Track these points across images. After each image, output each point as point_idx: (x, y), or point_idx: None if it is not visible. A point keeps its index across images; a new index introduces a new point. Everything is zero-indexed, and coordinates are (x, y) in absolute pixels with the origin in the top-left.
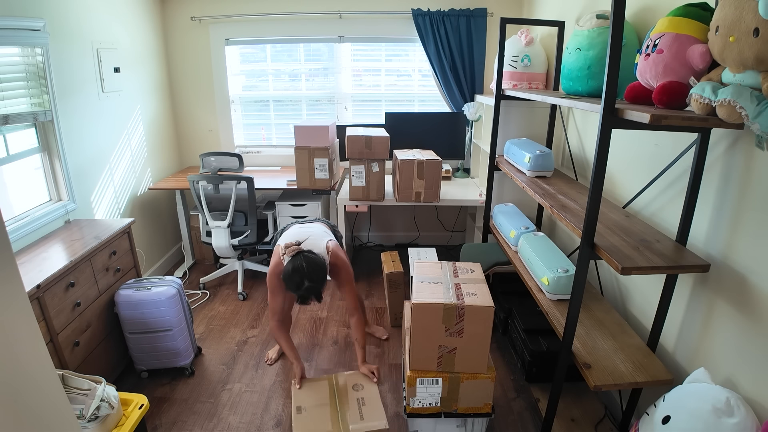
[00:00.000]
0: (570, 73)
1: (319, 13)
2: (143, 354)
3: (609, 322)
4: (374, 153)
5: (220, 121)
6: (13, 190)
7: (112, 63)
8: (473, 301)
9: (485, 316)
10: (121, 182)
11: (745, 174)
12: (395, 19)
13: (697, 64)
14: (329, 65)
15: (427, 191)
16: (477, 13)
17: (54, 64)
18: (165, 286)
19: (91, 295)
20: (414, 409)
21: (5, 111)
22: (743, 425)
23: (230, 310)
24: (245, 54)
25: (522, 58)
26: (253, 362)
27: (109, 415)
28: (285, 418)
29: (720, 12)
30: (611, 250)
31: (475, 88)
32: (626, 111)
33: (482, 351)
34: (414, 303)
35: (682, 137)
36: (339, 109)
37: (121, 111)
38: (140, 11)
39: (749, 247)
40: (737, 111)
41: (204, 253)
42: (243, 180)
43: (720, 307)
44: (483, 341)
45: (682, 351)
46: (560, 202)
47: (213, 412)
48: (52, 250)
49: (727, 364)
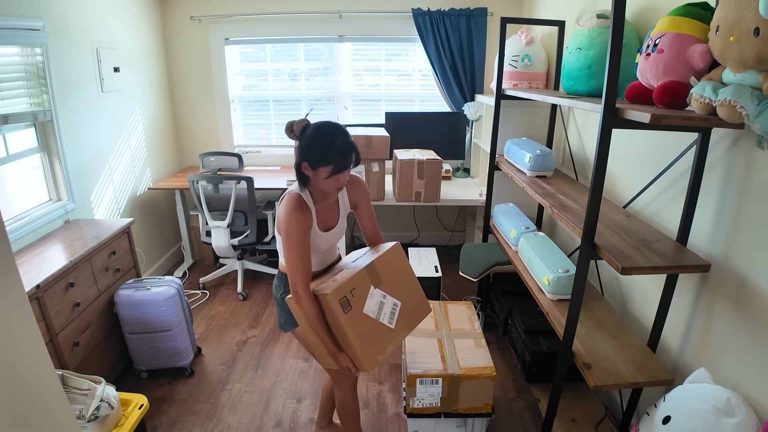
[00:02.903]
0: (570, 73)
1: (319, 12)
2: (143, 354)
3: (609, 322)
4: (374, 153)
5: (219, 120)
6: (12, 190)
7: (112, 63)
8: None
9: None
10: (121, 182)
11: (745, 174)
12: (395, 19)
13: (698, 64)
14: (329, 65)
15: (427, 191)
16: (477, 13)
17: (53, 63)
18: (165, 286)
19: (91, 295)
20: (414, 409)
21: (5, 111)
22: (744, 425)
23: (230, 310)
24: (245, 53)
25: (522, 58)
26: (253, 362)
27: (108, 416)
28: (285, 418)
29: (720, 12)
30: (612, 250)
31: (475, 87)
32: (627, 111)
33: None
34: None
35: (682, 137)
36: (339, 108)
37: (121, 111)
38: (140, 11)
39: (750, 247)
40: (738, 111)
41: (204, 253)
42: (243, 180)
43: (720, 307)
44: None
45: (683, 351)
46: (560, 202)
47: (213, 412)
48: (51, 250)
49: (728, 364)
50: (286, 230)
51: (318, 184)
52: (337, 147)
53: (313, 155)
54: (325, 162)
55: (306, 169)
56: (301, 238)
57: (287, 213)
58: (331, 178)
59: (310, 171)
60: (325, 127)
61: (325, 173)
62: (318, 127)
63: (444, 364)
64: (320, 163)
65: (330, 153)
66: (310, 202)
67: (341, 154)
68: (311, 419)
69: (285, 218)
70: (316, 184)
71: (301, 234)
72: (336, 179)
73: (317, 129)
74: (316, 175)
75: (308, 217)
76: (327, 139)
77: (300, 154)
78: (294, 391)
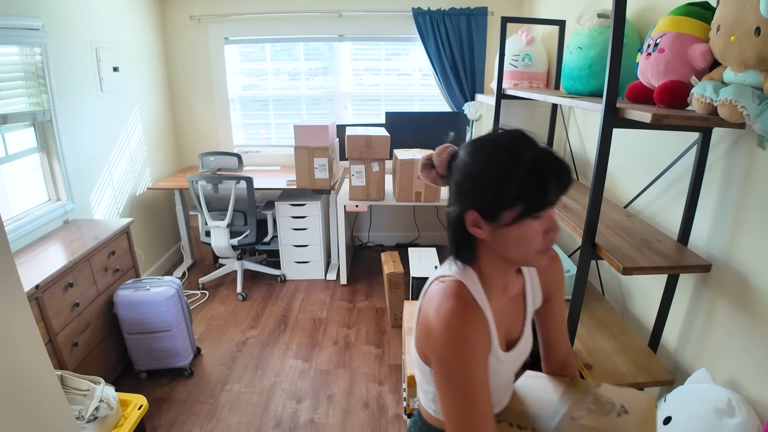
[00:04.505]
0: (571, 73)
1: (318, 11)
2: (142, 354)
3: (610, 322)
4: (374, 153)
5: (219, 120)
6: (11, 190)
7: (111, 62)
8: None
9: None
10: (120, 182)
11: (746, 173)
12: (395, 18)
13: (699, 64)
14: (329, 64)
15: (428, 191)
16: (477, 12)
17: (53, 63)
18: (164, 286)
19: (90, 295)
20: (414, 410)
21: (4, 111)
22: (744, 426)
23: (229, 310)
24: (245, 53)
25: (523, 57)
26: (253, 363)
27: (108, 416)
28: (285, 418)
29: (721, 11)
30: (612, 250)
31: (475, 87)
32: (627, 110)
33: None
34: None
35: (683, 137)
36: (339, 108)
37: (120, 110)
38: (139, 10)
39: (751, 247)
40: (738, 110)
41: (203, 253)
42: (242, 180)
43: (721, 308)
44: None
45: (684, 351)
46: (561, 202)
47: (212, 412)
48: (50, 250)
49: (729, 364)
50: (450, 364)
51: (502, 248)
52: (529, 164)
53: (488, 192)
54: (511, 197)
55: (476, 225)
56: (480, 379)
57: (449, 328)
58: (529, 227)
59: (486, 225)
60: (496, 139)
61: (512, 217)
62: (483, 143)
63: None
64: (504, 202)
65: (519, 177)
66: (482, 298)
67: (542, 175)
68: (311, 420)
69: (444, 338)
70: (497, 251)
71: (479, 369)
72: (536, 227)
73: (482, 145)
74: (498, 233)
75: (486, 331)
76: (508, 156)
77: (459, 200)
78: (294, 391)
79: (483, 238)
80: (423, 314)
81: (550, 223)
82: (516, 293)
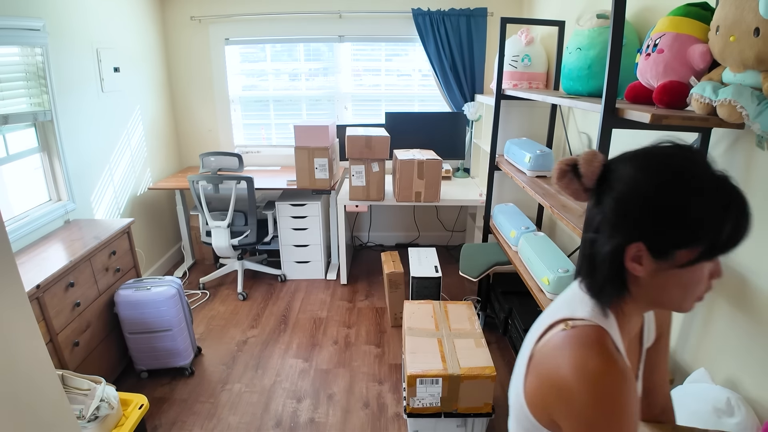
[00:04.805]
0: (570, 73)
1: (319, 12)
2: (143, 354)
3: None
4: (374, 153)
5: (219, 120)
6: (12, 190)
7: (112, 63)
8: None
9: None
10: (121, 182)
11: (745, 174)
12: (395, 19)
13: (698, 64)
14: (329, 65)
15: (427, 191)
16: (477, 13)
17: (53, 63)
18: (165, 286)
19: (91, 295)
20: (414, 409)
21: (5, 111)
22: (744, 425)
23: (230, 310)
24: (245, 54)
25: (522, 58)
26: (253, 362)
27: (108, 416)
28: (285, 418)
29: (720, 12)
30: None
31: (475, 87)
32: (627, 111)
33: None
34: None
35: (682, 137)
36: (339, 108)
37: (121, 111)
38: (140, 11)
39: (749, 247)
40: (738, 111)
41: (204, 253)
42: (243, 180)
43: (720, 307)
44: None
45: (683, 351)
46: (561, 202)
47: (213, 412)
48: (51, 250)
49: (728, 364)
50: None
51: (659, 290)
52: (727, 201)
53: (668, 225)
54: (695, 235)
55: (637, 260)
56: None
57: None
58: (701, 270)
59: (651, 262)
60: (676, 156)
61: (689, 258)
62: (663, 156)
63: (444, 364)
64: (685, 240)
65: (714, 215)
66: (622, 347)
67: (736, 215)
68: (311, 419)
69: (595, 405)
70: (649, 293)
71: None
72: (706, 270)
73: (664, 168)
74: (664, 273)
75: (635, 383)
76: (696, 184)
77: (621, 228)
78: (294, 391)
79: (640, 275)
80: (547, 370)
81: (718, 265)
82: (635, 333)
